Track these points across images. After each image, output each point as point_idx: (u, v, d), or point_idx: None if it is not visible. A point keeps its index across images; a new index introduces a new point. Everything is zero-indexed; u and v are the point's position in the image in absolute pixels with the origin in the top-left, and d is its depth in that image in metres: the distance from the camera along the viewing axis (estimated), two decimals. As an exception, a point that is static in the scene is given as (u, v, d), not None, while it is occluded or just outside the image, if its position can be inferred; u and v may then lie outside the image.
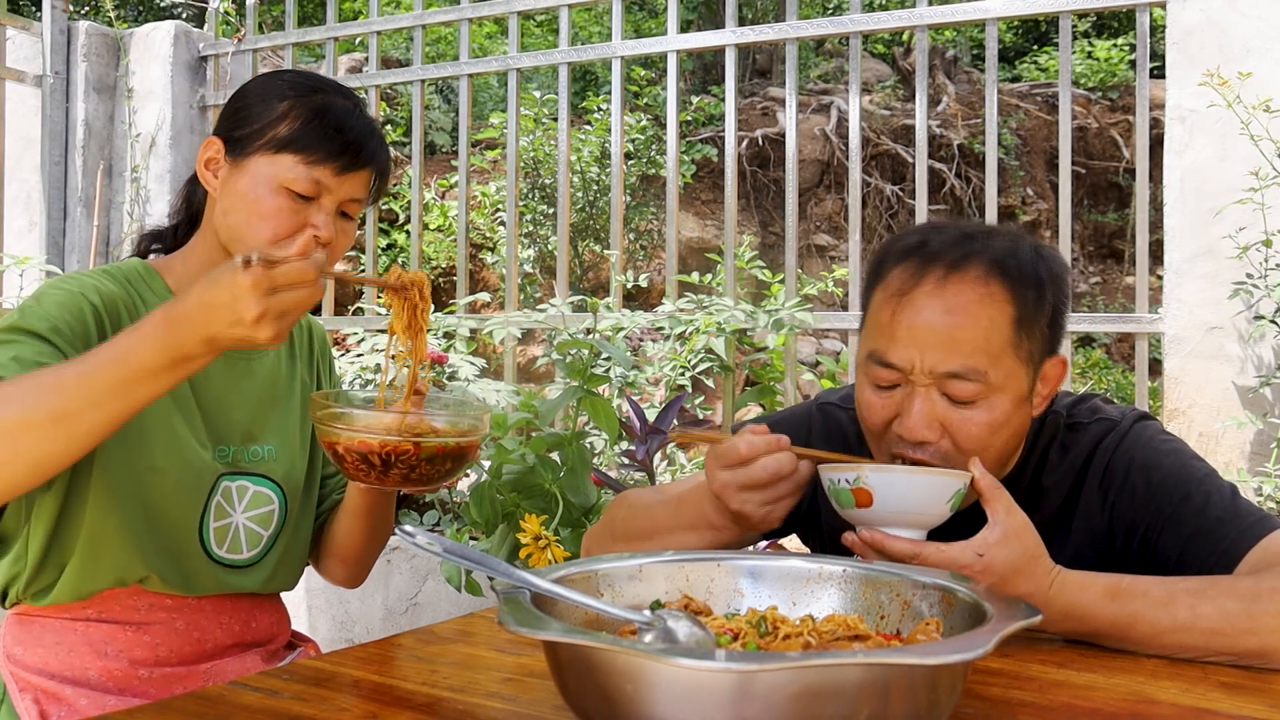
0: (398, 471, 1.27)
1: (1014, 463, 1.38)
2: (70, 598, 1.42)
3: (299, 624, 1.96)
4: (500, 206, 6.86)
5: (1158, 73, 3.82)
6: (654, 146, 7.30)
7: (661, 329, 3.41)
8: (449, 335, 3.74)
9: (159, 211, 4.47)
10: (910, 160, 7.27)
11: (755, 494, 1.24)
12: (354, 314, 4.30)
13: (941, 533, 1.18)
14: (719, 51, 3.84)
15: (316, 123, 1.42)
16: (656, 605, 1.02)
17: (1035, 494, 1.36)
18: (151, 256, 1.56)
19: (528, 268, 6.89)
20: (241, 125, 1.45)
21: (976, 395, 1.25)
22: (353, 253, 6.97)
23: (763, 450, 1.23)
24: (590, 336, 2.88)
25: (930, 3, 3.33)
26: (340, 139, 1.43)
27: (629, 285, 3.90)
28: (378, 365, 3.30)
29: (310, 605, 3.23)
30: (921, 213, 3.28)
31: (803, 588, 1.08)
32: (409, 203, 5.04)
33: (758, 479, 1.23)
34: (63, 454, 1.19)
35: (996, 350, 1.25)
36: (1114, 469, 1.33)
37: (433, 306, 1.53)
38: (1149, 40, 3.09)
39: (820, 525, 1.50)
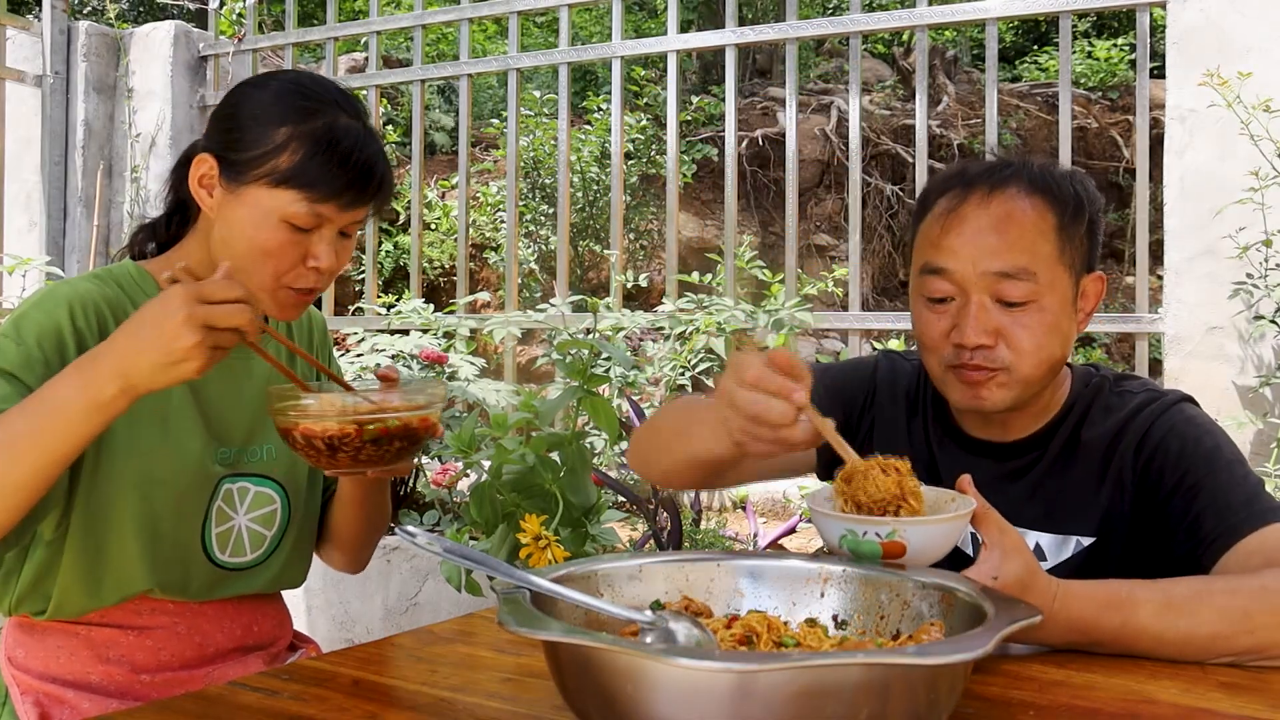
0: (345, 455, 1.27)
1: (1059, 405, 1.41)
2: (69, 616, 1.41)
3: (299, 624, 1.96)
4: (501, 206, 6.86)
5: (1158, 73, 3.82)
6: (654, 146, 7.30)
7: (661, 329, 3.41)
8: (449, 335, 3.74)
9: (159, 212, 4.47)
10: (910, 160, 7.27)
11: (737, 418, 1.11)
12: (354, 314, 4.30)
13: None
14: (719, 51, 3.84)
15: (321, 157, 1.34)
16: (656, 605, 1.02)
17: (1073, 447, 1.39)
18: (148, 257, 1.55)
19: (531, 265, 6.90)
20: (237, 148, 1.36)
21: (1028, 296, 1.30)
22: (353, 253, 6.99)
23: (767, 385, 1.08)
24: (590, 336, 2.88)
25: (930, 3, 3.33)
26: (346, 174, 1.35)
27: (629, 285, 3.91)
28: (378, 365, 3.30)
29: (310, 605, 3.23)
30: (921, 213, 3.28)
31: (803, 588, 1.08)
32: (410, 203, 5.04)
33: (743, 408, 1.09)
34: None
35: (1043, 253, 1.31)
36: (1152, 434, 1.35)
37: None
38: (1149, 40, 3.09)
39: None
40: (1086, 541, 1.36)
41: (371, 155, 1.38)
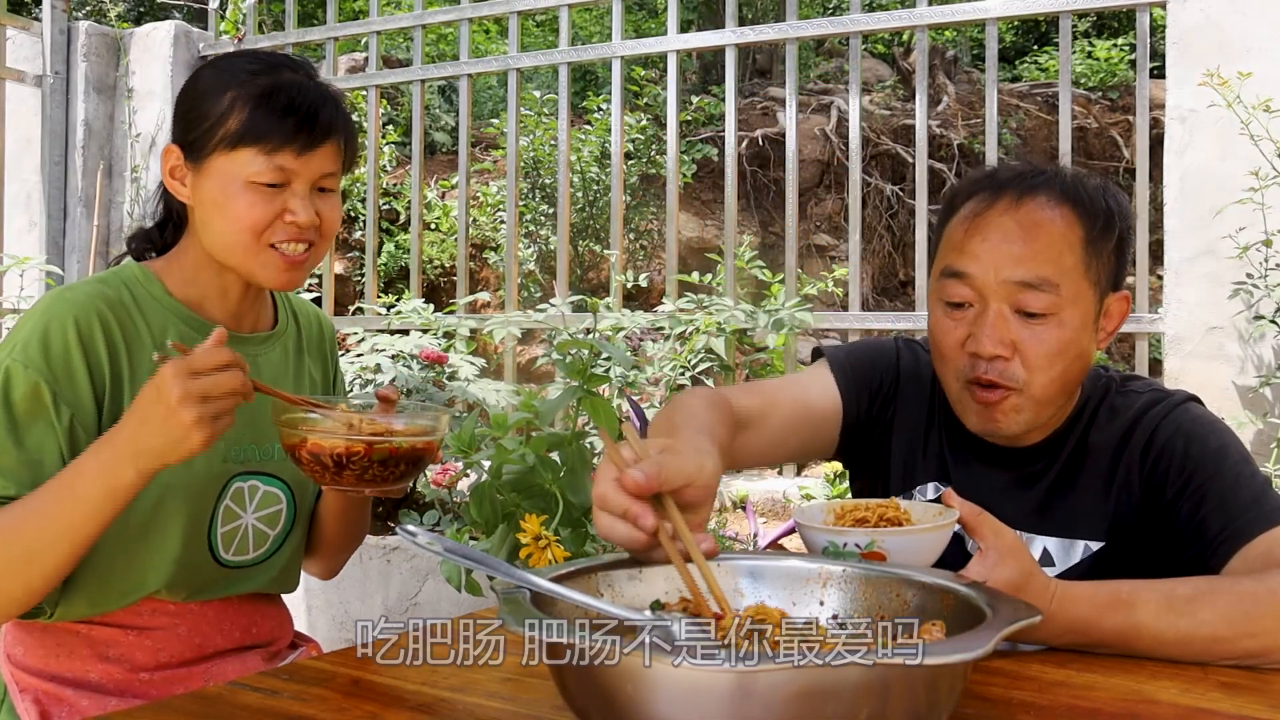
0: (351, 473, 1.29)
1: (1070, 410, 1.39)
2: (74, 619, 1.41)
3: (299, 624, 1.96)
4: (501, 206, 6.86)
5: (1158, 73, 3.82)
6: (654, 146, 7.30)
7: (661, 329, 3.41)
8: (449, 335, 3.74)
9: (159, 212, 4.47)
10: (910, 160, 7.27)
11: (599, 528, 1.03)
12: (354, 314, 4.30)
13: None
14: (719, 51, 3.84)
15: (265, 108, 1.35)
16: (656, 605, 1.02)
17: (1082, 450, 1.38)
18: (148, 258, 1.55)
19: (530, 266, 6.89)
20: (193, 127, 1.39)
21: (1048, 309, 1.28)
22: (354, 254, 6.98)
23: (610, 508, 0.99)
24: (590, 336, 2.88)
25: (930, 3, 3.33)
26: (293, 119, 1.36)
27: (629, 285, 3.90)
28: (378, 365, 3.30)
29: (310, 605, 3.23)
30: (921, 212, 3.28)
31: (803, 587, 1.08)
32: (410, 203, 5.04)
33: (597, 523, 1.01)
34: (29, 595, 1.29)
35: (1068, 266, 1.29)
36: (1158, 436, 1.34)
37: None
38: (1149, 40, 3.09)
39: (882, 470, 1.49)
40: (1095, 546, 1.36)
41: (316, 100, 1.39)
